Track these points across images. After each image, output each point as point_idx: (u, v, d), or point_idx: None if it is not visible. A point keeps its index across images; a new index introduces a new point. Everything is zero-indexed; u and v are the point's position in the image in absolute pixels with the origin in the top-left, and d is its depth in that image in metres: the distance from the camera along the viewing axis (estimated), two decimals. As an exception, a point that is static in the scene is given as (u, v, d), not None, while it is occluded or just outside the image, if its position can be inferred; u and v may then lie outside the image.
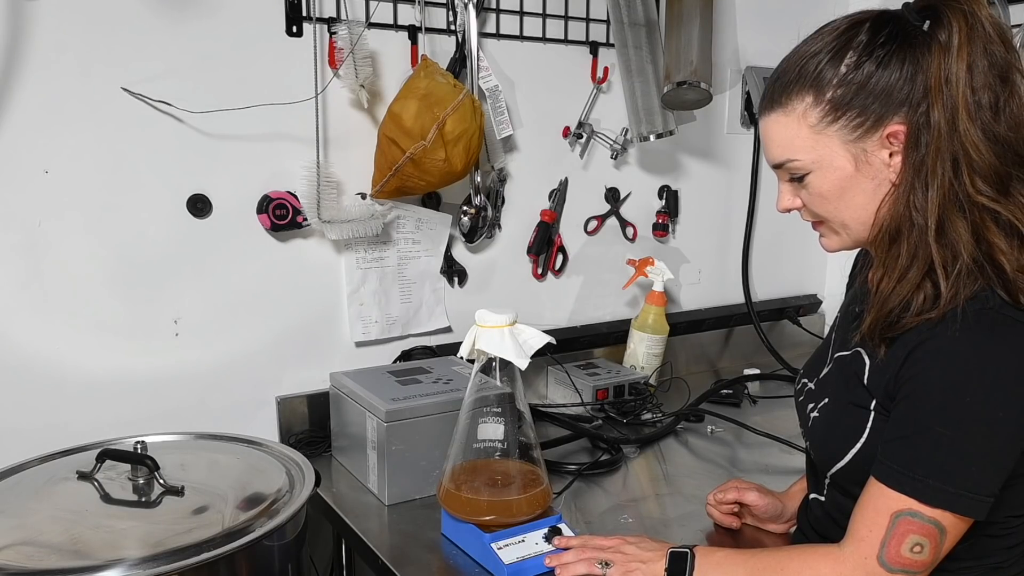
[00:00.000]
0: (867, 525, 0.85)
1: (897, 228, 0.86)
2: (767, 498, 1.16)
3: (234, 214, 1.41)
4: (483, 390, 1.13)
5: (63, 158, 1.26)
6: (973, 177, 0.82)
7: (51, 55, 1.23)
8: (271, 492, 1.10)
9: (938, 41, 0.82)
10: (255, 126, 1.39)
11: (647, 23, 1.69)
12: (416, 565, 1.11)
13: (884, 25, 0.85)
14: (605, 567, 0.99)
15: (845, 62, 0.85)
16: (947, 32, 0.82)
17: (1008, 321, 0.81)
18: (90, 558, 0.94)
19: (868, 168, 0.87)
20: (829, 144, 0.87)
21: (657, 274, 1.80)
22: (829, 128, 0.87)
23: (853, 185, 0.88)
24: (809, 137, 0.88)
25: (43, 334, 1.29)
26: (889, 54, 0.84)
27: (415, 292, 1.62)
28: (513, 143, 1.69)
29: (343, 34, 1.39)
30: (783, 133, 0.90)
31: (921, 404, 0.83)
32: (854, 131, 0.86)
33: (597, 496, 1.31)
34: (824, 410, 0.97)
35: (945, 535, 0.82)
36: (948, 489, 0.81)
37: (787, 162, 0.91)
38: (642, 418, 1.64)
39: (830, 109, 0.86)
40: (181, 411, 1.41)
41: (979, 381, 0.80)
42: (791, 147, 0.90)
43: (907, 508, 0.82)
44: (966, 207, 0.82)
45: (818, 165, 0.89)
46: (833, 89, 0.86)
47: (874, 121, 0.85)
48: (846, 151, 0.87)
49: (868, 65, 0.84)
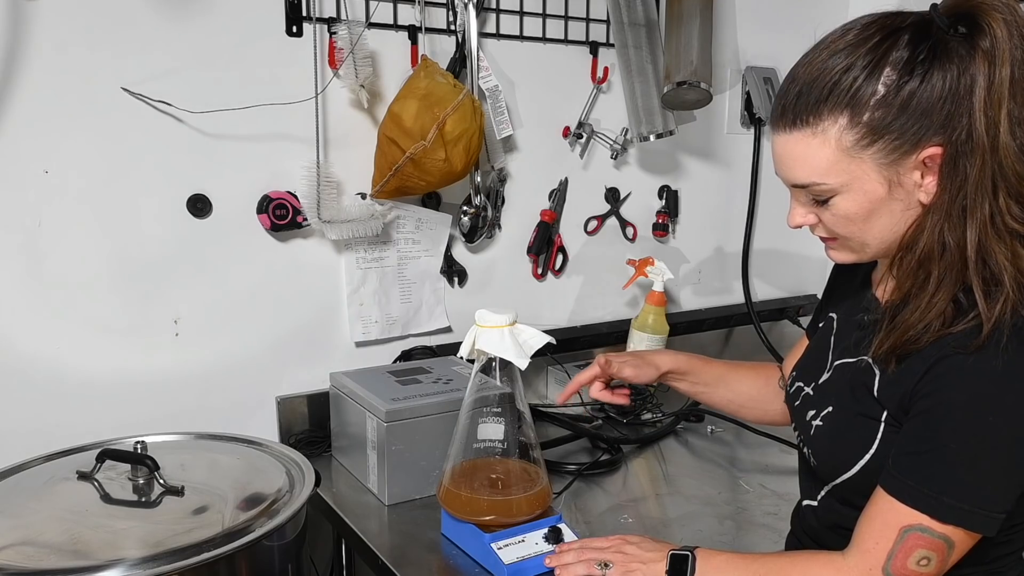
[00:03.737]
0: (874, 537, 0.83)
1: (928, 255, 0.82)
2: (640, 370, 1.19)
3: (234, 214, 1.41)
4: (483, 390, 1.13)
5: (63, 158, 1.27)
6: (1009, 202, 0.78)
7: (51, 55, 1.23)
8: (271, 492, 1.10)
9: (981, 50, 0.76)
10: (255, 126, 1.39)
11: (647, 23, 1.69)
12: (416, 565, 1.11)
13: (923, 37, 0.79)
14: (604, 568, 0.99)
15: (883, 81, 0.79)
16: (991, 39, 0.76)
17: None
18: (90, 558, 0.94)
19: (900, 191, 0.83)
20: (862, 167, 0.82)
21: (657, 274, 1.80)
22: (864, 152, 0.81)
23: (882, 207, 0.84)
24: (842, 160, 0.82)
25: (43, 334, 1.29)
26: (930, 71, 0.78)
27: (415, 292, 1.62)
28: (513, 143, 1.69)
29: (343, 34, 1.39)
30: (812, 155, 0.84)
31: (940, 420, 0.80)
32: (891, 154, 0.81)
33: (597, 496, 1.31)
34: (828, 419, 0.94)
35: (953, 550, 0.81)
36: (962, 506, 0.79)
37: (812, 184, 0.85)
38: (642, 418, 1.64)
39: (867, 132, 0.80)
40: (181, 411, 1.41)
41: (1004, 400, 0.78)
42: (820, 170, 0.84)
43: (918, 523, 0.81)
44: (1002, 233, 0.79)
45: (847, 188, 0.84)
46: (871, 111, 0.80)
47: (912, 144, 0.80)
48: (880, 175, 0.82)
49: (909, 84, 0.78)
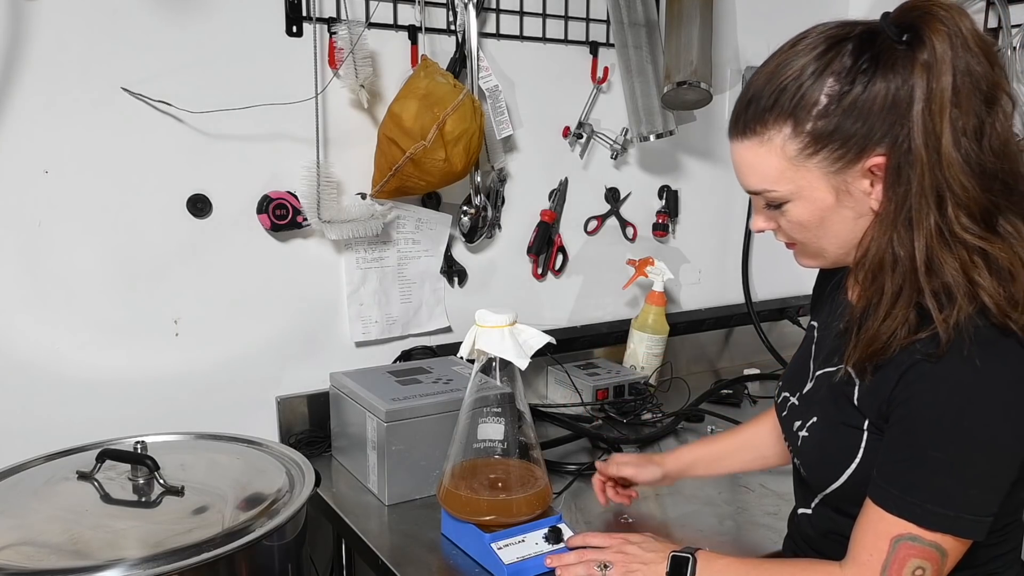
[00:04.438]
0: (867, 550, 0.83)
1: (880, 264, 0.82)
2: (644, 469, 1.20)
3: (234, 214, 1.41)
4: (483, 390, 1.13)
5: (63, 158, 1.27)
6: (958, 212, 0.77)
7: (51, 55, 1.23)
8: (271, 492, 1.10)
9: (919, 62, 0.77)
10: (255, 126, 1.39)
11: (647, 23, 1.69)
12: (416, 565, 1.11)
13: (866, 47, 0.80)
14: (604, 569, 0.99)
15: (826, 91, 0.80)
16: (929, 51, 0.76)
17: (1002, 342, 0.78)
18: (90, 558, 0.94)
19: (849, 199, 0.84)
20: (808, 176, 0.83)
21: (657, 274, 1.80)
22: (809, 161, 0.82)
23: (833, 215, 0.85)
24: (788, 169, 0.84)
25: (43, 334, 1.29)
26: (872, 80, 0.78)
27: (415, 292, 1.62)
28: (513, 143, 1.69)
29: (343, 34, 1.39)
30: (760, 163, 0.85)
31: (917, 428, 0.81)
32: (835, 163, 0.82)
33: (597, 496, 1.31)
34: (814, 430, 0.94)
35: (946, 557, 0.81)
36: (948, 513, 0.79)
37: (764, 192, 0.87)
38: (642, 418, 1.64)
39: (810, 141, 0.81)
40: (181, 411, 1.41)
41: (976, 404, 0.78)
42: (769, 178, 0.85)
43: (907, 533, 0.81)
44: (951, 243, 0.78)
45: (797, 196, 0.85)
46: (814, 120, 0.81)
47: (856, 153, 0.81)
48: (826, 183, 0.83)
49: (850, 95, 0.79)
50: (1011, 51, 1.78)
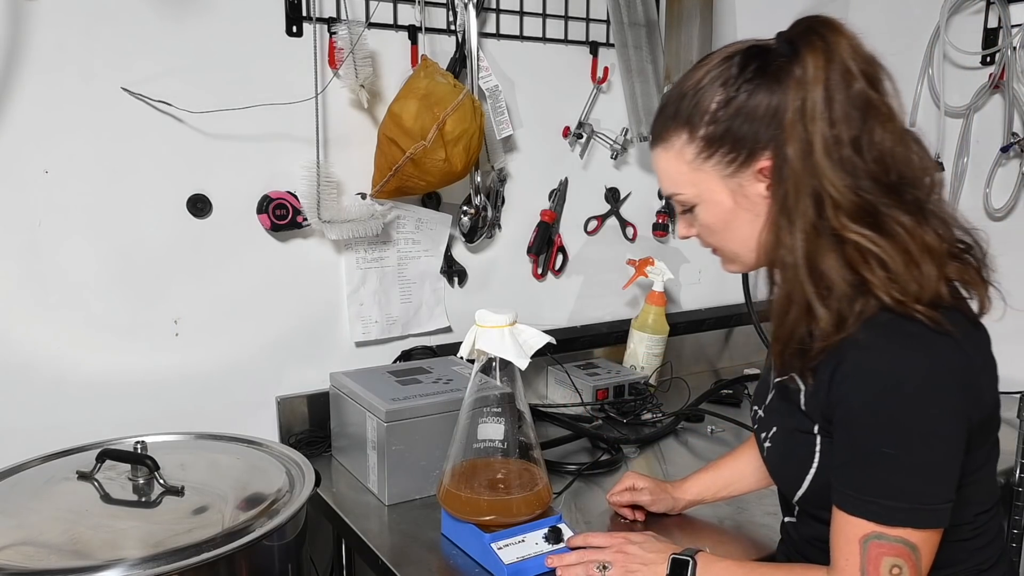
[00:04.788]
0: (843, 555, 0.84)
1: (771, 265, 0.88)
2: (658, 496, 1.21)
3: (234, 214, 1.41)
4: (483, 390, 1.13)
5: (63, 158, 1.27)
6: (838, 214, 0.82)
7: (51, 55, 1.23)
8: (271, 492, 1.10)
9: (794, 75, 0.82)
10: (255, 126, 1.39)
11: (647, 23, 1.69)
12: (416, 565, 1.11)
13: (751, 59, 0.86)
14: (604, 570, 0.99)
15: (716, 99, 0.86)
16: (802, 66, 0.82)
17: (918, 331, 0.81)
18: (90, 558, 0.94)
19: (746, 201, 0.88)
20: (707, 180, 0.89)
21: (657, 274, 1.80)
22: (705, 164, 0.88)
23: (735, 218, 0.90)
24: (688, 173, 0.90)
25: (43, 334, 1.29)
26: (756, 89, 0.84)
27: (415, 292, 1.62)
28: (513, 143, 1.69)
29: (343, 34, 1.39)
30: (667, 169, 0.92)
31: (854, 427, 0.83)
32: (728, 166, 0.87)
33: (597, 496, 1.31)
34: (775, 439, 0.97)
35: (917, 551, 0.81)
36: (902, 506, 0.81)
37: (673, 195, 0.94)
38: (642, 418, 1.64)
39: (704, 146, 0.88)
40: (181, 411, 1.41)
41: (901, 395, 0.80)
42: (674, 182, 0.92)
43: (872, 532, 0.82)
44: (834, 243, 0.82)
45: (700, 199, 0.91)
46: (705, 126, 0.87)
47: (747, 156, 0.86)
48: (723, 186, 0.88)
49: (736, 102, 0.85)
50: (1011, 51, 1.78)
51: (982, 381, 0.85)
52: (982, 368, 0.85)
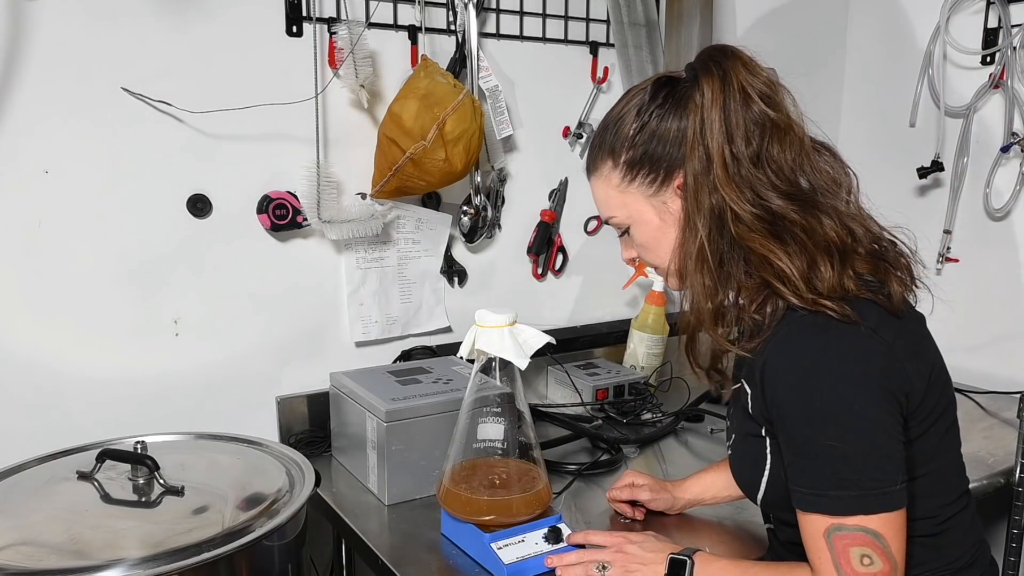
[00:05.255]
0: (815, 554, 0.85)
1: (682, 271, 0.94)
2: (658, 494, 1.22)
3: (234, 214, 1.41)
4: (483, 390, 1.13)
5: (63, 158, 1.27)
6: (737, 224, 0.87)
7: (51, 55, 1.23)
8: (271, 492, 1.10)
9: (694, 101, 0.89)
10: (255, 126, 1.39)
11: (647, 23, 1.69)
12: (416, 565, 1.11)
13: (661, 88, 0.93)
14: (603, 570, 0.99)
15: (632, 126, 0.94)
16: (700, 92, 0.89)
17: (825, 323, 0.84)
18: (90, 558, 0.94)
19: (670, 217, 0.94)
20: (634, 201, 0.96)
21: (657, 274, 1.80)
22: (630, 187, 0.95)
23: (663, 235, 0.96)
24: (617, 196, 0.97)
25: (43, 334, 1.29)
26: (665, 114, 0.92)
27: (415, 292, 1.62)
28: (513, 143, 1.69)
29: (343, 34, 1.39)
30: (599, 194, 1.00)
31: (788, 424, 0.85)
32: (650, 187, 0.94)
33: (597, 496, 1.31)
34: (734, 446, 1.01)
35: (880, 537, 0.82)
36: (850, 494, 0.82)
37: (609, 219, 1.00)
38: (642, 418, 1.64)
39: (627, 170, 0.95)
40: (181, 411, 1.41)
41: (824, 386, 0.82)
42: (607, 206, 0.99)
43: (831, 525, 0.83)
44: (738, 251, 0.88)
45: (632, 220, 0.98)
46: (625, 152, 0.94)
47: (664, 175, 0.93)
48: (649, 205, 0.95)
49: (648, 127, 0.92)
50: (1011, 51, 1.78)
51: (908, 367, 0.86)
52: (906, 355, 0.86)
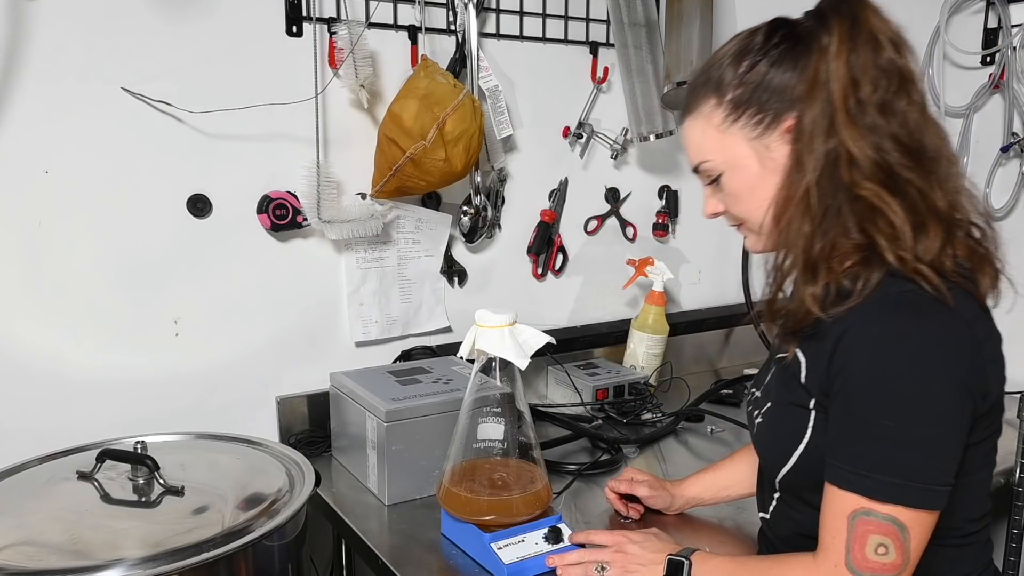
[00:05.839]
0: (830, 532, 0.83)
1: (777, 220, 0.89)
2: (656, 492, 1.22)
3: (234, 214, 1.41)
4: (483, 390, 1.13)
5: (63, 158, 1.27)
6: (852, 170, 0.83)
7: (51, 55, 1.23)
8: (271, 492, 1.10)
9: (819, 43, 0.85)
10: (255, 126, 1.39)
11: (647, 23, 1.69)
12: (416, 565, 1.11)
13: (778, 29, 0.90)
14: (602, 571, 1.00)
15: (744, 64, 0.90)
16: (828, 35, 0.85)
17: (924, 302, 0.80)
18: (90, 558, 0.94)
19: (772, 163, 0.90)
20: (735, 143, 0.91)
21: (657, 274, 1.80)
22: (733, 127, 0.91)
23: (761, 182, 0.91)
24: (716, 137, 0.92)
25: (43, 334, 1.29)
26: (782, 54, 0.88)
27: (415, 292, 1.62)
28: (513, 143, 1.69)
29: (343, 34, 1.39)
30: (695, 137, 0.95)
31: (853, 397, 0.82)
32: (755, 128, 0.90)
33: (597, 496, 1.31)
34: (767, 414, 0.97)
35: (907, 532, 0.79)
36: (895, 481, 0.79)
37: (701, 163, 0.95)
38: (642, 418, 1.64)
39: (731, 108, 0.91)
40: (181, 411, 1.41)
41: (906, 365, 0.79)
42: (702, 149, 0.94)
43: (861, 508, 0.80)
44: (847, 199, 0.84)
45: (728, 165, 0.93)
46: (732, 90, 0.90)
47: (773, 117, 0.89)
48: (750, 148, 0.91)
49: (762, 65, 0.89)
50: (1011, 51, 1.78)
51: (989, 370, 0.83)
52: (990, 357, 0.83)
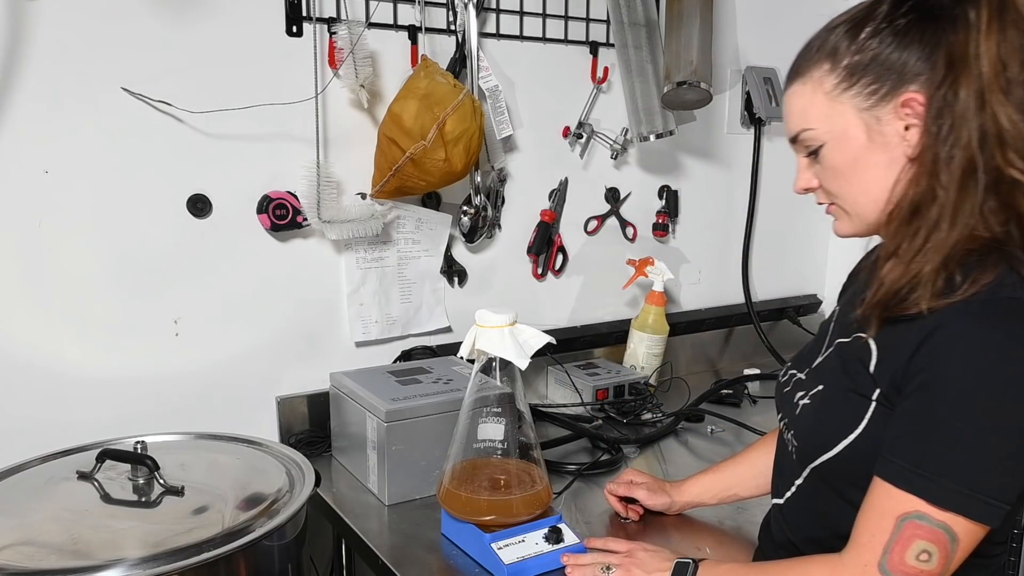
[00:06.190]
0: (870, 530, 0.79)
1: (918, 203, 0.82)
2: (655, 494, 1.22)
3: (234, 214, 1.41)
4: (483, 390, 1.13)
5: (63, 158, 1.26)
6: (1005, 150, 0.78)
7: (51, 55, 1.23)
8: (271, 492, 1.10)
9: (965, 18, 0.79)
10: (255, 126, 1.39)
11: (647, 23, 1.69)
12: (416, 565, 1.11)
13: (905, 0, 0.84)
14: (607, 571, 1.00)
15: (865, 31, 0.84)
16: (975, 11, 0.79)
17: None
18: (90, 558, 0.94)
19: (881, 138, 0.84)
20: (843, 112, 0.86)
21: (657, 274, 1.80)
22: (844, 95, 0.85)
23: (866, 157, 0.85)
24: (824, 104, 0.87)
25: (43, 334, 1.29)
26: (909, 25, 0.82)
27: (415, 292, 1.62)
28: (513, 143, 1.69)
29: (343, 34, 1.39)
30: (801, 103, 0.89)
31: (938, 396, 0.77)
32: (868, 98, 0.84)
33: (597, 496, 1.31)
34: (817, 397, 0.92)
35: (956, 543, 0.76)
36: (962, 490, 0.75)
37: (802, 132, 0.90)
38: (642, 418, 1.64)
39: (846, 75, 0.85)
40: (181, 411, 1.41)
41: (1006, 374, 0.74)
42: (806, 116, 0.89)
43: (915, 510, 0.76)
44: (994, 183, 0.79)
45: (832, 135, 0.87)
46: (850, 56, 0.84)
47: (889, 89, 0.83)
48: (860, 120, 0.85)
49: (886, 34, 0.83)
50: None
51: None
52: None
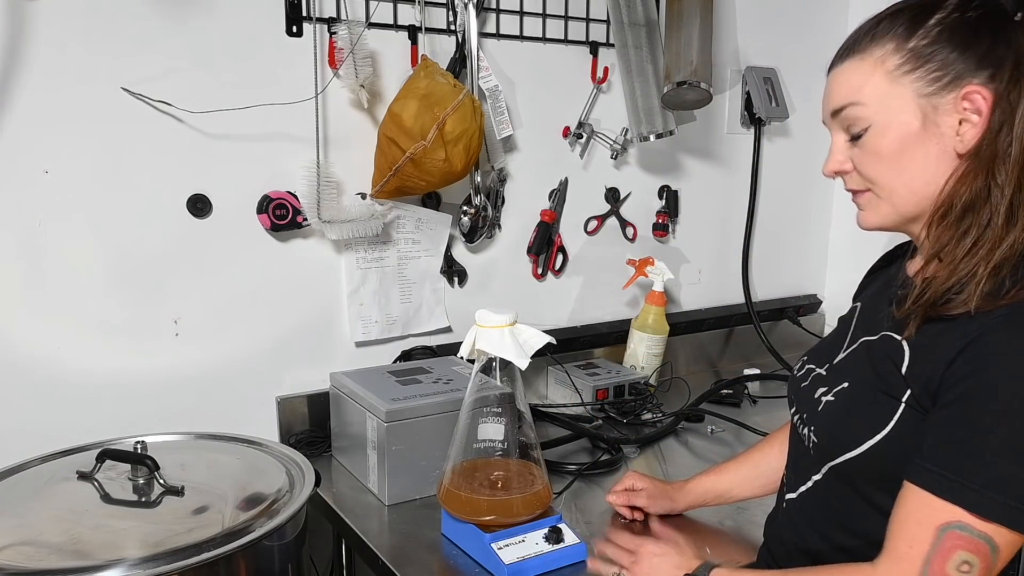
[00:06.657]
0: (907, 540, 0.76)
1: (970, 202, 0.80)
2: (655, 499, 1.21)
3: (234, 214, 1.41)
4: (483, 390, 1.13)
5: (63, 158, 1.27)
6: None
7: (51, 55, 1.23)
8: (271, 492, 1.10)
9: None
10: (255, 126, 1.39)
11: (647, 23, 1.69)
12: (416, 565, 1.11)
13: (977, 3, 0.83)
14: (619, 572, 1.01)
15: (934, 18, 0.82)
16: None
17: None
18: (90, 558, 0.94)
19: (935, 128, 0.82)
20: (901, 95, 0.83)
21: (657, 274, 1.80)
22: (906, 77, 0.82)
23: (915, 145, 0.83)
24: (882, 83, 0.83)
25: (43, 334, 1.29)
26: (980, 20, 0.81)
27: (415, 292, 1.62)
28: (513, 143, 1.69)
29: (343, 34, 1.39)
30: (854, 76, 0.86)
31: (983, 404, 0.74)
32: (931, 84, 0.81)
33: (597, 496, 1.31)
34: (841, 394, 0.89)
35: (997, 554, 0.74)
36: (1007, 502, 0.73)
37: (850, 105, 0.86)
38: (642, 418, 1.64)
39: (911, 57, 0.82)
40: (181, 411, 1.41)
41: None
42: (860, 91, 0.85)
43: (956, 520, 0.74)
44: None
45: (883, 117, 0.84)
46: (917, 39, 0.82)
47: (953, 78, 0.81)
48: (916, 105, 0.82)
49: (956, 24, 0.81)
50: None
51: None
52: None
